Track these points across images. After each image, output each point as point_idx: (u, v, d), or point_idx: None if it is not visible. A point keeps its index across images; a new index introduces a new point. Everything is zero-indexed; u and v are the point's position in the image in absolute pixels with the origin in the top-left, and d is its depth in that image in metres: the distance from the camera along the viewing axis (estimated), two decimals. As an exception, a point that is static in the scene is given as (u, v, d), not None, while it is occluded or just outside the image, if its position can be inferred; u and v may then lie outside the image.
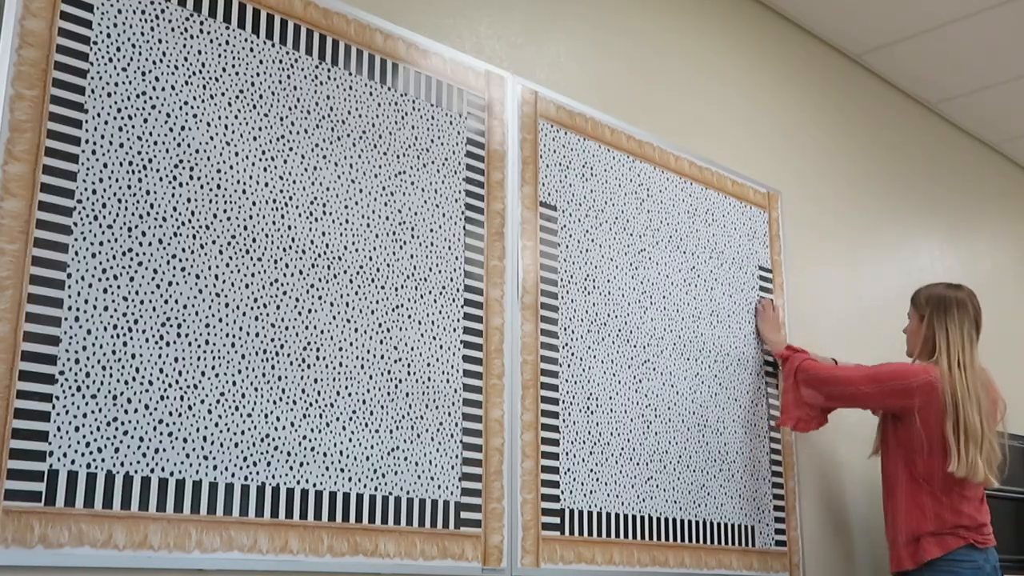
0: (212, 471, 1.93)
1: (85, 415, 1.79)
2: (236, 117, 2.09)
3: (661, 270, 2.92)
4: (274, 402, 2.04)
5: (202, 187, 2.02)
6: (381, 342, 2.24)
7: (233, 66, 2.11)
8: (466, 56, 2.56)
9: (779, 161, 3.53)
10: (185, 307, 1.95)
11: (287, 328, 2.09)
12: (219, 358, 1.98)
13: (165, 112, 1.99)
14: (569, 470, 2.55)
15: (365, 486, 2.15)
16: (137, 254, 1.91)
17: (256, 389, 2.02)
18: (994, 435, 2.82)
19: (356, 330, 2.20)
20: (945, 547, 2.79)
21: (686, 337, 2.95)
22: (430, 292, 2.35)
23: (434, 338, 2.33)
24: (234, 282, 2.03)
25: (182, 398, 1.92)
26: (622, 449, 2.69)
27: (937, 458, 2.81)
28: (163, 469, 1.87)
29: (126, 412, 1.84)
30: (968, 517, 2.82)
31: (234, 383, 2.00)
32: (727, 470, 2.97)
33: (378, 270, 2.27)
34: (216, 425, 1.96)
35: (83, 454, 1.78)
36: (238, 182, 2.07)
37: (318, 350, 2.13)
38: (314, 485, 2.07)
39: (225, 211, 2.04)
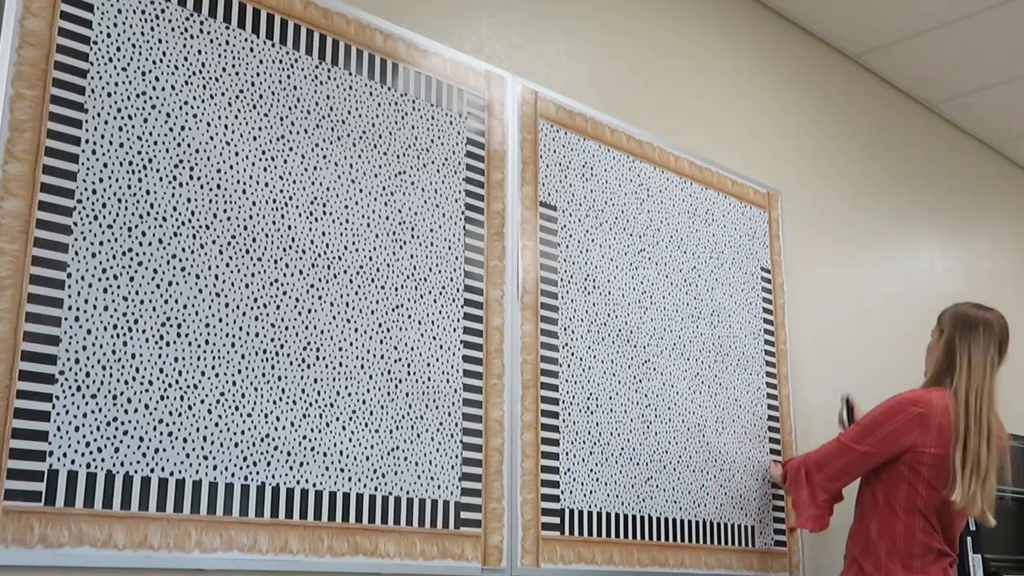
0: (212, 471, 1.93)
1: (85, 415, 1.79)
2: (236, 117, 2.09)
3: (661, 270, 2.92)
4: (274, 402, 2.04)
5: (202, 187, 2.02)
6: (381, 342, 2.24)
7: (233, 66, 2.11)
8: (466, 56, 2.56)
9: (779, 161, 3.53)
10: (185, 307, 1.95)
11: (287, 328, 2.09)
12: (219, 358, 1.98)
13: (165, 112, 1.99)
14: (569, 470, 2.55)
15: (365, 486, 2.15)
16: (137, 254, 1.91)
17: (256, 389, 2.02)
18: (995, 471, 2.61)
19: (356, 330, 2.20)
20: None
21: (686, 337, 2.94)
22: (430, 292, 2.35)
23: (434, 338, 2.33)
24: (234, 282, 2.03)
25: (182, 398, 1.92)
26: (622, 449, 2.69)
27: (923, 487, 2.62)
28: (163, 469, 1.87)
29: (126, 412, 1.84)
30: (940, 544, 2.63)
31: (234, 383, 2.00)
32: (727, 470, 2.96)
33: (378, 270, 2.27)
34: (216, 425, 1.95)
35: (83, 454, 1.78)
36: (238, 182, 2.07)
37: (318, 350, 2.13)
38: (314, 485, 2.07)
39: (225, 211, 2.04)
